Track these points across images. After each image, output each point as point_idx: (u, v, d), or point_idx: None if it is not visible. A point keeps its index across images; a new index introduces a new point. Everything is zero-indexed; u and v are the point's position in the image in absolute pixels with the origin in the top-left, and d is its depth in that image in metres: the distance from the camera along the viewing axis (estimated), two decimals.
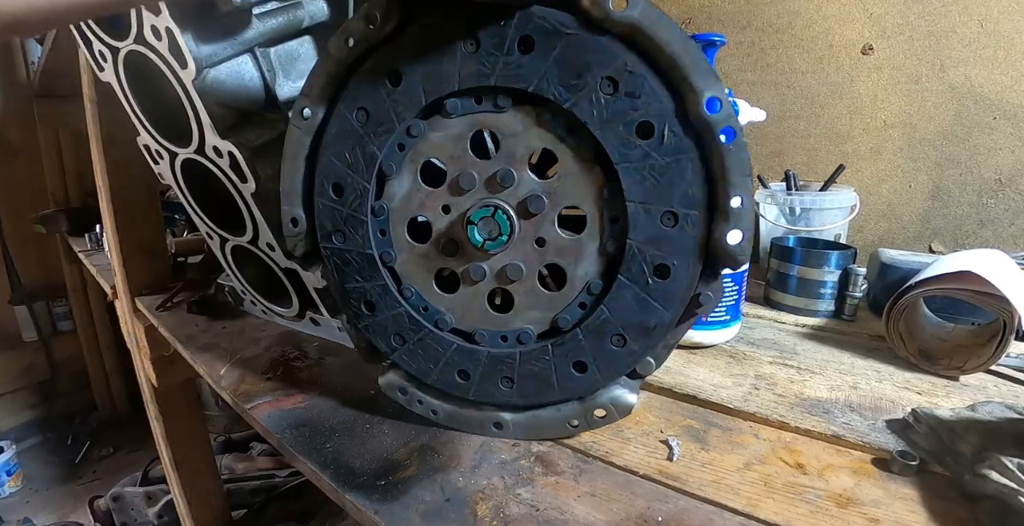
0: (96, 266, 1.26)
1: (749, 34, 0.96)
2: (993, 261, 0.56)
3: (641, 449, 0.41)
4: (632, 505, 0.35)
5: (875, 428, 0.43)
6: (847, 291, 0.67)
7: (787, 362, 0.56)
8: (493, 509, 0.35)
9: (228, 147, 0.53)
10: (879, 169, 0.90)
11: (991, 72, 0.80)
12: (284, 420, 0.48)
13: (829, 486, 0.37)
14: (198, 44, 0.50)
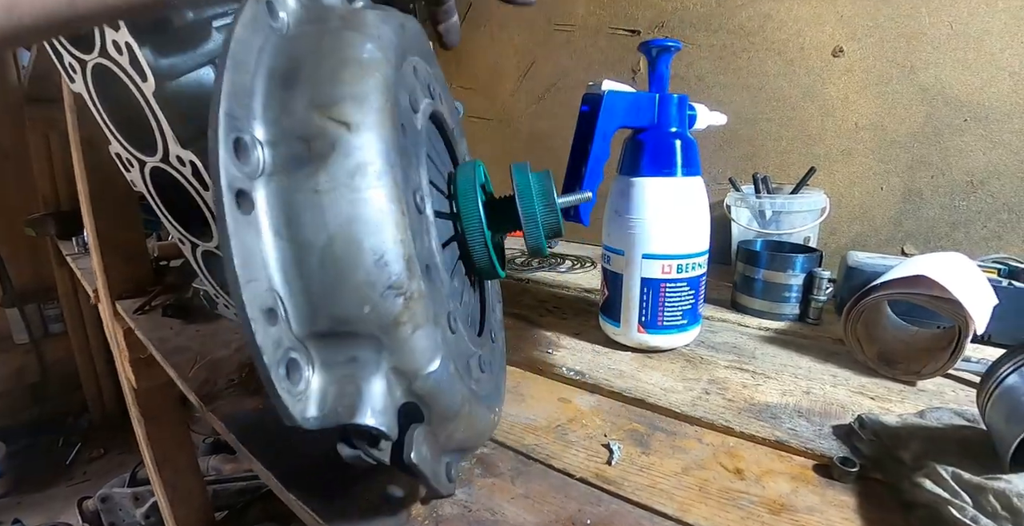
0: (82, 269, 1.27)
1: (721, 37, 0.97)
2: (951, 264, 0.57)
3: (582, 452, 0.41)
4: (564, 508, 0.35)
5: (820, 434, 0.44)
6: (812, 295, 0.67)
7: (743, 366, 0.56)
8: (428, 509, 0.35)
9: (190, 156, 0.54)
10: (851, 171, 0.90)
11: (961, 74, 0.80)
12: (242, 421, 0.49)
13: (765, 492, 0.37)
14: (157, 57, 0.50)
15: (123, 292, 0.94)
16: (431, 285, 0.26)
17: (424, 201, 0.28)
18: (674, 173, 0.54)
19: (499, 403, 0.39)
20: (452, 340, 0.28)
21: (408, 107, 0.30)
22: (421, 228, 0.27)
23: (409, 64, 0.32)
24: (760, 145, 0.96)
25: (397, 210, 0.22)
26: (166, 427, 1.09)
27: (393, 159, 0.23)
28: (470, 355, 0.34)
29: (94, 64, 0.56)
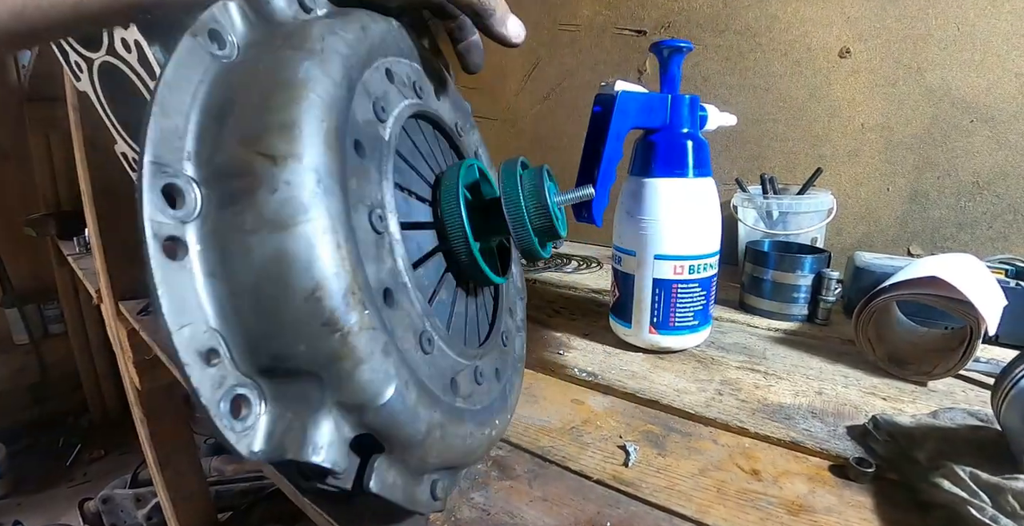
0: (83, 270, 1.26)
1: (728, 38, 0.97)
2: (962, 265, 0.57)
3: (598, 454, 0.41)
4: (582, 510, 0.35)
5: (835, 434, 0.44)
6: (820, 295, 0.67)
7: (755, 367, 0.56)
8: (445, 513, 0.35)
9: None
10: (857, 172, 0.90)
11: (968, 75, 0.80)
12: None
13: (783, 493, 0.37)
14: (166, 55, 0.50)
15: (126, 293, 0.94)
16: (391, 311, 0.26)
17: (385, 219, 0.27)
18: (686, 174, 0.54)
19: (501, 414, 0.37)
20: (424, 361, 0.27)
21: (370, 119, 0.29)
22: (379, 251, 0.26)
23: (377, 68, 0.31)
24: (766, 146, 0.96)
25: (331, 242, 0.22)
26: (169, 428, 1.09)
27: (328, 186, 0.22)
28: (457, 371, 0.31)
29: (101, 62, 0.56)
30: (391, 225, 0.28)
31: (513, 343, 0.44)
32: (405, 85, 0.35)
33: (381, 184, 0.28)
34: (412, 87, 0.36)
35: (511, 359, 0.42)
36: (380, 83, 0.31)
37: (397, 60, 0.34)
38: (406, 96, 0.34)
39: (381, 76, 0.31)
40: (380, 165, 0.28)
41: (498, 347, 0.40)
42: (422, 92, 0.37)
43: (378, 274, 0.25)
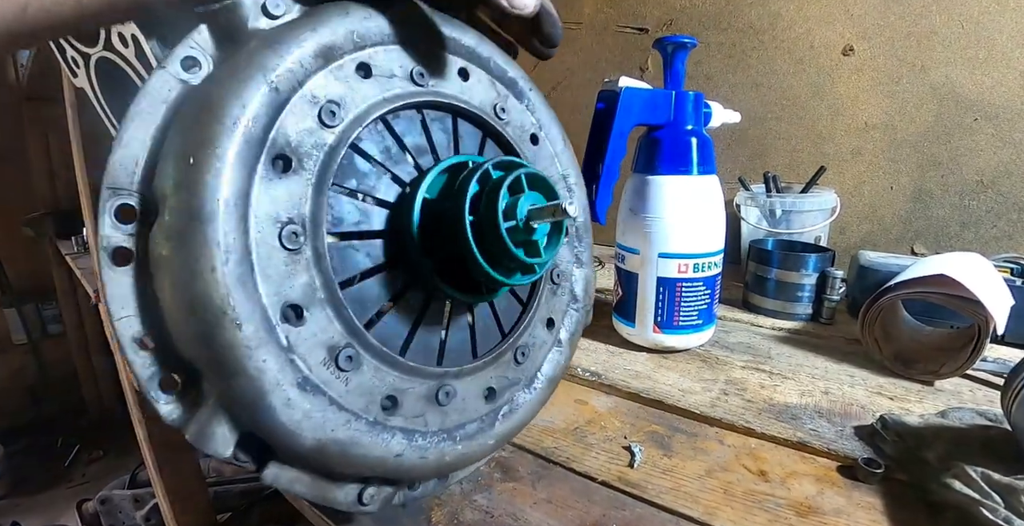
0: (81, 269, 1.26)
1: (730, 35, 0.96)
2: (969, 264, 0.56)
3: (603, 455, 0.40)
4: (588, 512, 0.35)
5: (843, 435, 0.43)
6: (824, 294, 0.67)
7: (760, 367, 0.55)
8: (448, 515, 0.34)
9: None
10: (860, 171, 0.89)
11: (972, 73, 0.79)
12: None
13: (791, 494, 0.36)
14: (164, 50, 0.49)
15: None
16: (295, 327, 0.27)
17: (303, 235, 0.27)
18: (691, 171, 0.54)
19: (479, 436, 0.34)
20: (338, 378, 0.28)
21: (308, 127, 0.28)
22: (290, 267, 0.27)
23: (339, 67, 0.29)
24: (769, 144, 0.96)
25: (206, 266, 0.24)
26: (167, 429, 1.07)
27: (211, 211, 0.24)
28: (399, 389, 0.31)
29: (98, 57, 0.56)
30: (316, 239, 0.28)
31: (534, 360, 0.39)
32: (393, 76, 0.32)
33: (311, 196, 0.28)
34: (408, 76, 0.33)
35: (524, 378, 0.38)
36: (339, 83, 0.29)
37: (382, 49, 0.32)
38: (388, 88, 0.31)
39: (346, 74, 0.30)
40: (316, 175, 0.28)
41: (505, 365, 0.37)
42: (423, 79, 0.33)
43: (280, 291, 0.26)
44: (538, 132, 0.41)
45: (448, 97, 0.34)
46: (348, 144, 0.29)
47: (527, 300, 0.39)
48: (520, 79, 0.40)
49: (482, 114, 0.36)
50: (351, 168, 0.30)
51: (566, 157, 0.43)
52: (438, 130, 0.35)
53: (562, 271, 0.41)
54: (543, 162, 0.41)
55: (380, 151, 0.32)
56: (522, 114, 0.40)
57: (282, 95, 0.27)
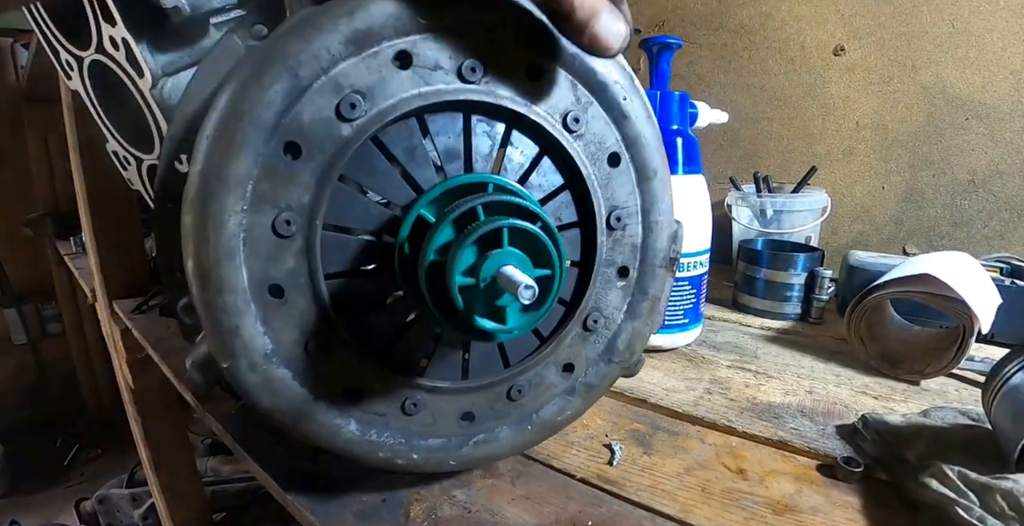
0: (79, 269, 1.26)
1: (722, 36, 0.96)
2: (955, 263, 0.56)
3: (583, 452, 0.41)
4: (564, 509, 0.35)
5: (824, 434, 0.43)
6: (813, 294, 0.67)
7: (745, 366, 0.55)
8: (426, 510, 0.35)
9: None
10: (852, 170, 0.89)
11: (963, 72, 0.80)
12: (240, 421, 0.48)
13: (768, 492, 0.37)
14: (154, 54, 0.50)
15: (120, 292, 0.94)
16: (275, 305, 0.28)
17: (298, 223, 0.28)
18: (675, 171, 0.54)
19: (438, 453, 0.34)
20: (305, 359, 0.30)
21: (324, 117, 0.27)
22: (279, 251, 0.28)
23: (372, 55, 0.28)
24: (761, 144, 0.96)
25: (198, 235, 0.26)
26: (163, 427, 1.09)
27: (213, 189, 0.26)
28: (365, 384, 0.31)
29: (91, 61, 0.56)
30: (309, 229, 0.28)
31: (533, 401, 0.36)
32: (438, 68, 0.29)
33: (314, 187, 0.28)
34: (456, 70, 0.29)
35: (514, 414, 0.36)
36: (369, 73, 0.28)
37: (431, 37, 0.29)
38: (428, 82, 0.29)
39: (380, 63, 0.28)
40: (323, 167, 0.28)
41: (494, 396, 0.35)
42: (474, 74, 0.29)
43: (266, 271, 0.28)
44: (621, 151, 0.34)
45: (502, 98, 0.30)
46: (366, 138, 0.28)
47: (547, 338, 0.35)
48: (614, 83, 0.32)
49: (544, 123, 0.31)
50: (366, 163, 0.29)
51: (655, 186, 0.35)
52: (483, 136, 0.31)
53: (604, 318, 0.36)
54: (617, 189, 0.34)
55: (404, 150, 0.30)
56: (605, 127, 0.33)
57: (302, 82, 0.26)
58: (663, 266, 0.36)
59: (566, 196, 0.34)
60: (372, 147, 0.29)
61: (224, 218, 0.26)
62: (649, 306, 0.37)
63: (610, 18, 0.25)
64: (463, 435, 0.35)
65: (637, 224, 0.35)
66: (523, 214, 0.28)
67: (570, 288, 0.35)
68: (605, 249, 0.34)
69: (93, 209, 0.90)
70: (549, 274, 0.27)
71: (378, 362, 0.31)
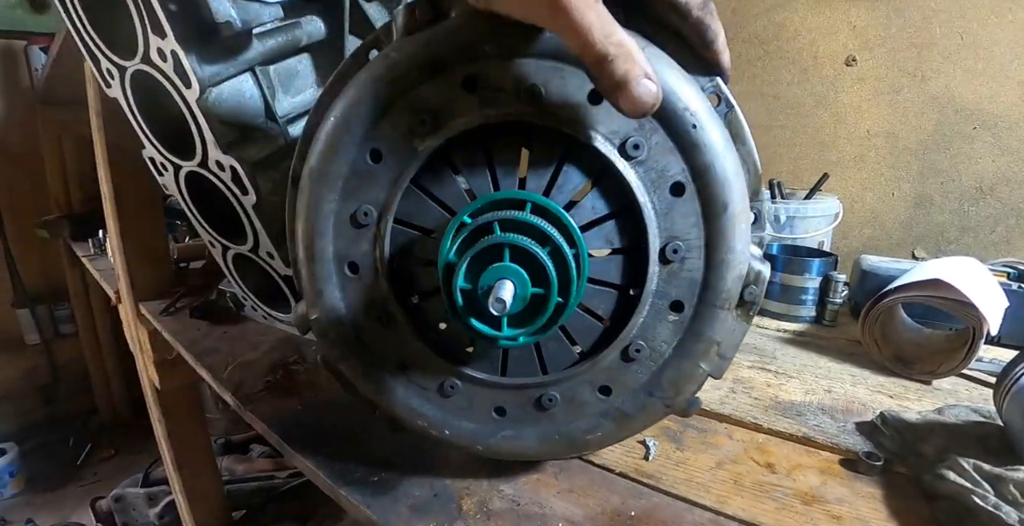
0: (99, 271, 1.28)
1: (736, 46, 0.99)
2: (965, 269, 0.59)
3: (619, 448, 0.43)
4: (608, 501, 0.37)
5: (845, 430, 0.46)
6: (827, 297, 0.69)
7: (766, 366, 0.58)
8: (477, 504, 0.37)
9: (230, 162, 0.55)
10: (863, 177, 0.92)
11: (971, 83, 0.82)
12: (284, 421, 0.50)
13: (796, 485, 0.39)
14: (201, 65, 0.52)
15: (146, 294, 0.96)
16: (351, 279, 0.36)
17: (373, 215, 0.34)
18: None
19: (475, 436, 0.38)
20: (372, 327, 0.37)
21: (402, 132, 0.33)
22: (357, 236, 0.35)
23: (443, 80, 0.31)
24: (774, 151, 0.99)
25: (304, 213, 0.35)
26: (186, 427, 1.10)
27: (315, 180, 0.34)
28: (412, 357, 0.37)
29: (135, 70, 0.58)
30: (381, 222, 0.34)
31: (565, 415, 0.36)
32: (500, 90, 0.31)
33: (387, 188, 0.34)
34: (516, 92, 0.31)
35: (543, 422, 0.37)
36: (439, 95, 0.32)
37: (498, 62, 0.31)
38: (490, 104, 0.31)
39: (450, 86, 0.31)
40: (399, 172, 0.34)
41: (525, 399, 0.36)
42: (532, 98, 0.31)
43: (347, 250, 0.35)
44: (687, 182, 0.32)
45: (559, 121, 0.31)
46: (432, 151, 0.33)
47: (584, 356, 0.36)
48: (683, 110, 0.31)
49: (601, 148, 0.31)
50: (434, 173, 0.34)
51: (724, 222, 0.32)
52: (539, 157, 0.33)
53: (649, 350, 0.34)
54: (678, 220, 0.32)
55: (466, 164, 0.34)
56: (668, 155, 0.31)
57: (383, 102, 0.32)
58: (727, 308, 0.33)
59: (616, 222, 0.34)
60: (439, 159, 0.34)
61: (322, 204, 0.34)
62: (704, 348, 0.34)
63: (641, 86, 0.26)
64: (493, 426, 0.37)
65: (699, 259, 0.33)
66: (535, 235, 0.29)
67: (611, 310, 0.35)
68: (657, 280, 0.33)
69: (120, 212, 0.91)
70: (543, 293, 0.29)
71: (426, 343, 0.36)
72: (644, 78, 0.26)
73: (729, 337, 0.34)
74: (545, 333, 0.31)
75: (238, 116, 0.56)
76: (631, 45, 0.26)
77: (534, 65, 0.31)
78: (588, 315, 0.35)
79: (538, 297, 0.29)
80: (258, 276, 0.70)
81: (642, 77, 0.26)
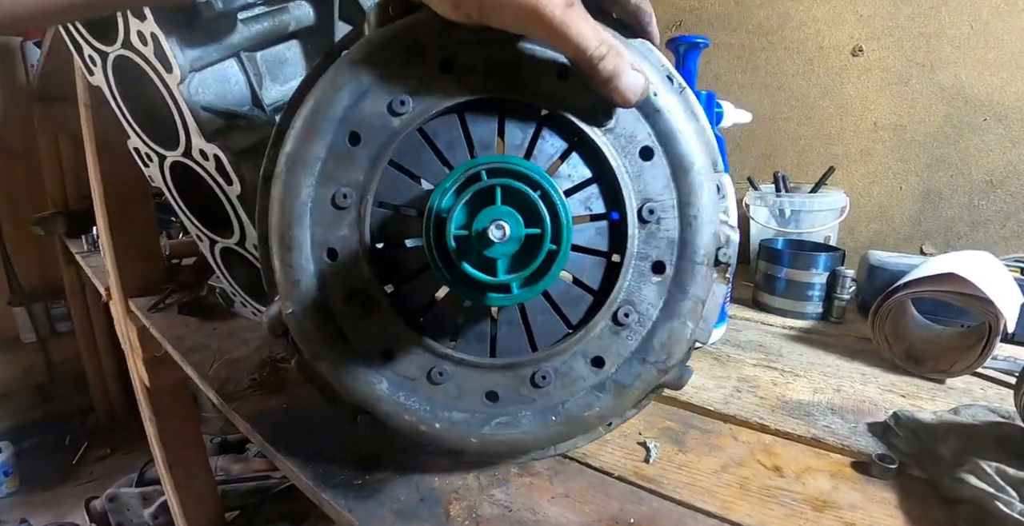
0: (92, 268, 1.27)
1: (739, 36, 0.96)
2: (980, 263, 0.56)
3: (618, 451, 0.41)
4: (605, 507, 0.35)
5: (856, 431, 0.43)
6: (835, 293, 0.67)
7: (771, 364, 0.56)
8: (466, 509, 0.35)
9: (214, 150, 0.53)
10: (869, 171, 0.90)
11: (981, 73, 0.80)
12: (267, 420, 0.48)
13: (806, 489, 0.37)
14: (183, 49, 0.50)
15: (136, 290, 0.94)
16: (329, 265, 0.34)
17: (353, 197, 0.34)
18: None
19: (461, 428, 0.35)
20: (348, 314, 0.34)
21: (379, 112, 0.33)
22: (335, 220, 0.34)
23: (432, 59, 0.33)
24: (778, 144, 0.96)
25: (279, 199, 0.34)
26: (178, 426, 1.09)
27: (291, 166, 0.34)
28: (396, 345, 0.35)
29: (116, 56, 0.56)
30: (361, 204, 0.34)
31: (558, 391, 0.35)
32: (474, 71, 0.33)
33: (367, 168, 0.34)
34: (489, 72, 0.33)
35: (538, 402, 0.35)
36: (416, 78, 0.33)
37: (473, 45, 0.33)
38: (464, 83, 0.33)
39: (428, 69, 0.33)
40: (375, 152, 0.34)
41: (519, 379, 0.35)
42: (503, 76, 0.33)
43: (325, 236, 0.34)
44: (654, 146, 0.34)
45: (531, 95, 0.34)
46: (411, 130, 0.33)
47: (575, 326, 0.36)
48: (647, 80, 0.33)
49: (572, 117, 0.33)
50: (412, 150, 0.34)
51: (693, 180, 0.34)
52: (515, 130, 0.34)
53: (637, 314, 0.35)
54: (650, 182, 0.34)
55: (444, 141, 0.34)
56: (635, 122, 0.34)
57: (365, 85, 0.33)
58: (706, 264, 0.35)
59: (595, 187, 0.35)
60: (417, 137, 0.34)
61: (299, 190, 0.33)
62: (691, 306, 0.35)
63: (630, 76, 0.30)
64: (486, 414, 0.35)
65: (674, 218, 0.34)
66: (522, 179, 0.29)
67: (598, 278, 0.36)
68: (638, 242, 0.34)
69: (110, 207, 0.90)
70: (539, 233, 0.29)
71: (411, 327, 0.34)
72: (631, 69, 0.30)
73: (710, 298, 0.36)
74: (538, 282, 0.30)
75: (222, 102, 0.54)
76: (616, 42, 0.30)
77: (506, 46, 0.33)
78: (573, 284, 0.36)
79: (532, 238, 0.29)
80: (246, 271, 0.69)
81: (629, 69, 0.30)
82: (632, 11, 0.34)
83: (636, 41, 0.36)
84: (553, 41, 0.30)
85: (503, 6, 0.29)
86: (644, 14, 0.35)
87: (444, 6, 0.31)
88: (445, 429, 0.35)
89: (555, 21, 0.28)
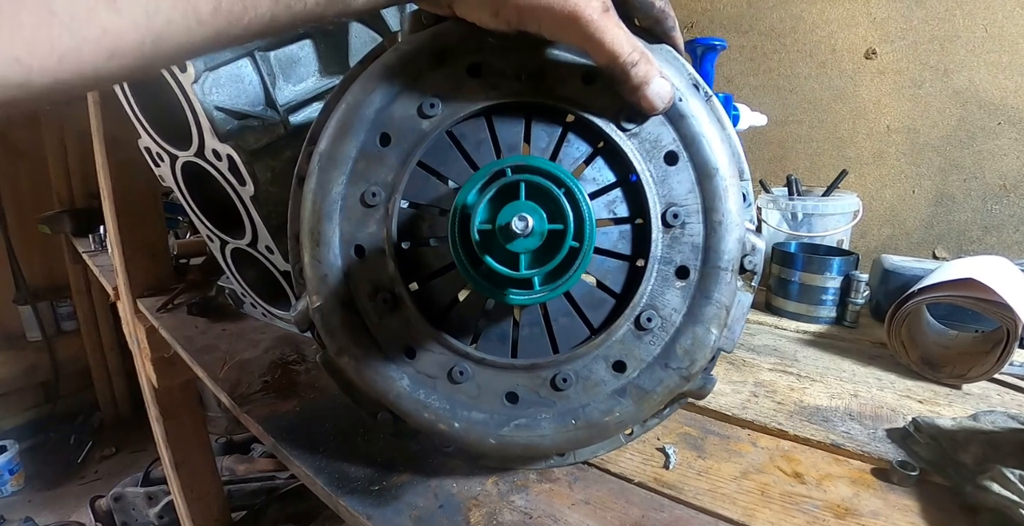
0: (99, 267, 1.27)
1: (752, 38, 0.96)
2: (997, 268, 0.56)
3: (637, 457, 0.41)
4: (627, 513, 0.35)
5: (875, 437, 0.43)
6: (849, 298, 0.66)
7: (787, 369, 0.55)
8: (486, 516, 0.34)
9: (227, 150, 0.53)
10: (882, 174, 0.89)
11: (995, 77, 0.79)
12: (280, 423, 0.48)
13: (827, 496, 0.36)
14: None
15: (144, 290, 0.94)
16: (357, 262, 0.35)
17: (381, 196, 0.35)
18: None
19: (480, 428, 0.34)
20: (373, 309, 0.35)
21: (409, 115, 0.34)
22: (364, 218, 0.35)
23: (447, 67, 0.35)
24: (790, 147, 0.96)
25: (311, 197, 0.35)
26: (185, 427, 1.08)
27: (324, 164, 0.35)
28: (418, 342, 0.35)
29: None
30: (389, 202, 0.35)
31: (578, 394, 0.34)
32: (502, 75, 0.34)
33: (396, 168, 0.35)
34: (517, 76, 0.34)
35: (558, 405, 0.34)
36: (446, 81, 0.34)
37: (499, 50, 0.34)
38: (493, 87, 0.34)
39: (456, 73, 0.34)
40: (405, 153, 0.35)
41: (539, 381, 0.35)
42: (531, 81, 0.34)
43: (354, 233, 0.35)
44: (679, 150, 0.34)
45: (557, 99, 0.34)
46: (440, 132, 0.34)
47: (596, 329, 0.35)
48: (673, 85, 0.33)
49: (597, 121, 0.34)
50: (440, 152, 0.35)
51: (717, 185, 0.34)
52: (541, 132, 0.35)
53: (660, 318, 0.34)
54: (675, 187, 0.34)
55: (472, 142, 0.35)
56: (659, 127, 0.34)
57: (396, 88, 0.34)
58: (731, 270, 0.34)
59: (619, 191, 0.35)
60: (446, 139, 0.35)
61: (330, 187, 0.34)
62: (715, 312, 0.34)
63: (658, 83, 0.31)
64: (505, 415, 0.35)
65: (698, 223, 0.34)
66: (546, 177, 0.29)
67: (621, 281, 0.35)
68: (661, 246, 0.34)
69: (118, 206, 0.89)
70: (560, 229, 0.29)
71: (434, 325, 0.35)
72: (659, 76, 0.31)
73: (735, 305, 0.36)
74: (560, 280, 0.30)
75: (236, 102, 0.54)
76: (645, 50, 0.31)
77: (533, 51, 0.34)
78: (596, 288, 0.36)
79: (555, 234, 0.29)
80: (257, 272, 0.68)
81: (659, 76, 0.31)
82: (656, 17, 0.35)
83: (659, 47, 0.36)
84: (588, 46, 0.30)
85: (542, 11, 0.29)
86: (668, 19, 0.35)
87: (483, 15, 0.31)
88: (464, 428, 0.34)
89: (592, 26, 0.29)
